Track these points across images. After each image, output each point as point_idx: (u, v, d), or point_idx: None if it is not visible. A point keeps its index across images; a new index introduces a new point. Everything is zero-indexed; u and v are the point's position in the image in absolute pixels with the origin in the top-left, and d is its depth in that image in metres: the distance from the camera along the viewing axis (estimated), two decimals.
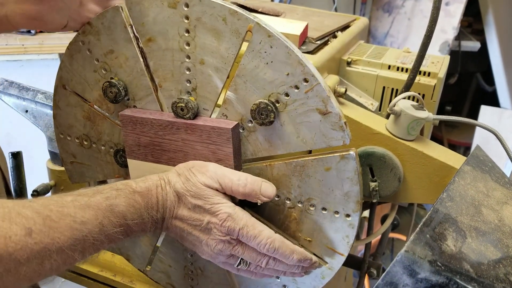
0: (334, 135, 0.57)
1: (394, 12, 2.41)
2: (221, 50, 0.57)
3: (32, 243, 0.45)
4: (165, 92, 0.63)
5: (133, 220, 0.55)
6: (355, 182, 0.58)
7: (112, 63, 0.64)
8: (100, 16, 0.62)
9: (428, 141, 0.70)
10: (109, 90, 0.64)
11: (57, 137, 0.75)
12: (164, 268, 0.78)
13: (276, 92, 0.57)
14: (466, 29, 2.53)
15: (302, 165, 0.60)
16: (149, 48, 0.61)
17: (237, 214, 0.58)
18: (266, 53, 0.55)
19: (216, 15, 0.56)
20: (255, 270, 0.62)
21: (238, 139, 0.61)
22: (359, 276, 0.93)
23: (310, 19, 0.89)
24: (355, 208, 0.60)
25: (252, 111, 0.58)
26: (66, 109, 0.71)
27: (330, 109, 0.55)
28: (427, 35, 0.69)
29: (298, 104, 0.56)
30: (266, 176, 0.62)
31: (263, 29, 0.54)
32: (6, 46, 1.71)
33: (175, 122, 0.62)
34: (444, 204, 0.53)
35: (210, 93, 0.61)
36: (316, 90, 0.55)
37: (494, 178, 0.62)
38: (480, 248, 0.50)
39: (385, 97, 0.80)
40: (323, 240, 0.64)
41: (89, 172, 0.76)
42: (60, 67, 0.69)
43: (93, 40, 0.64)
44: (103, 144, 0.71)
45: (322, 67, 0.72)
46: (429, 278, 0.46)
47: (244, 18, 0.55)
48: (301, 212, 0.63)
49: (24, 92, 0.94)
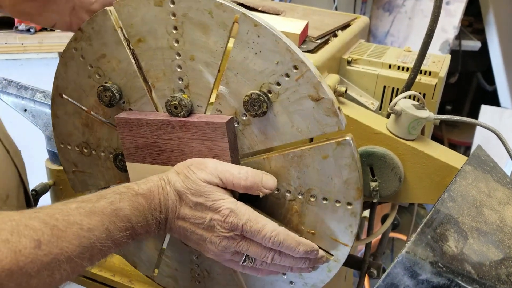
0: (328, 121, 0.56)
1: (395, 11, 2.40)
2: (209, 44, 0.57)
3: (42, 255, 0.45)
4: (158, 92, 0.63)
5: (138, 223, 0.55)
6: (353, 168, 0.58)
7: (105, 68, 0.64)
8: (90, 21, 0.62)
9: (429, 141, 0.69)
10: (104, 94, 0.64)
11: (58, 147, 0.75)
12: (170, 272, 0.77)
13: (267, 82, 0.56)
14: (466, 28, 2.52)
15: (299, 155, 0.59)
16: (140, 49, 0.61)
17: (239, 209, 0.57)
18: (254, 43, 0.55)
19: (202, 9, 0.56)
20: (260, 267, 0.62)
21: (233, 134, 0.61)
22: (359, 276, 0.93)
23: (310, 18, 0.89)
24: (356, 195, 0.59)
25: (245, 103, 0.57)
26: (64, 118, 0.71)
27: (322, 94, 0.55)
28: (428, 34, 0.68)
29: (290, 92, 0.56)
30: (264, 170, 0.62)
31: (249, 19, 0.54)
32: (5, 45, 1.70)
33: (169, 121, 0.61)
34: (445, 205, 0.53)
35: (203, 89, 0.60)
36: (307, 76, 0.54)
37: (495, 178, 0.61)
38: (481, 249, 0.49)
39: (385, 97, 0.80)
40: (327, 232, 0.63)
41: (91, 180, 0.75)
42: (56, 76, 0.68)
43: (85, 46, 0.64)
44: (103, 150, 0.71)
45: (323, 66, 0.72)
46: (430, 279, 0.45)
47: (230, 10, 0.54)
48: (302, 204, 0.62)
49: (22, 91, 0.93)
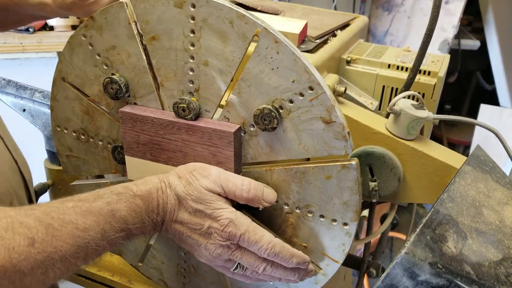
0: (336, 144, 0.56)
1: (394, 10, 2.40)
2: (226, 52, 0.57)
3: (35, 253, 0.44)
4: (167, 91, 0.63)
5: (134, 224, 0.54)
6: (355, 191, 0.58)
7: (114, 59, 0.64)
8: (103, 11, 0.61)
9: (428, 141, 0.69)
10: (110, 86, 0.63)
11: (53, 130, 0.74)
12: (156, 264, 0.78)
13: (280, 98, 0.56)
14: (466, 27, 2.52)
15: (303, 171, 0.59)
16: (153, 46, 0.61)
17: (238, 219, 0.57)
18: (272, 58, 0.55)
19: (223, 17, 0.55)
20: (250, 275, 0.62)
21: (239, 143, 0.61)
22: (358, 275, 0.93)
23: (309, 17, 0.89)
24: (353, 217, 0.60)
25: (255, 116, 0.57)
26: (64, 102, 0.71)
27: (334, 118, 0.55)
28: (427, 33, 0.68)
29: (302, 111, 0.56)
30: (265, 181, 0.62)
31: (271, 35, 0.54)
32: (4, 44, 1.70)
33: (176, 122, 0.61)
34: (444, 205, 0.53)
35: (213, 95, 0.60)
36: (321, 98, 0.55)
37: (495, 178, 0.61)
38: (481, 249, 0.49)
39: (384, 96, 0.80)
40: (319, 247, 0.64)
41: (85, 166, 0.75)
42: (60, 59, 0.68)
43: (96, 35, 0.63)
44: (101, 139, 0.71)
45: (322, 66, 0.71)
46: (429, 280, 0.45)
47: (252, 22, 0.54)
48: (299, 218, 0.63)
49: (21, 91, 0.93)
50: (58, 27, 1.78)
